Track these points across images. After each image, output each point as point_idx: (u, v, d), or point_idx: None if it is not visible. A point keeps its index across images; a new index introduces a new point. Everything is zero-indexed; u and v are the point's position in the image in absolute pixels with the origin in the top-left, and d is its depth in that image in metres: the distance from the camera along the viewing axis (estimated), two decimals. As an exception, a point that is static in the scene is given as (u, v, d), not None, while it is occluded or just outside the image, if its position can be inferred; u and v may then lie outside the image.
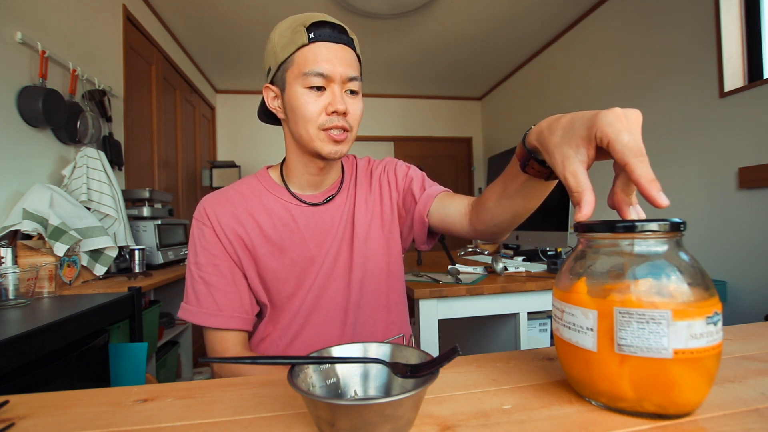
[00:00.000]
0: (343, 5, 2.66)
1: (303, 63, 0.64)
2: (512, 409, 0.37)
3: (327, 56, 0.64)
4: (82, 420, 0.38)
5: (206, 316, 0.69)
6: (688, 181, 2.12)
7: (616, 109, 0.37)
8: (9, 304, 1.07)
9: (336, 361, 0.39)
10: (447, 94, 4.60)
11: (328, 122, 0.65)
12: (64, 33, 1.72)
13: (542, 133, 0.43)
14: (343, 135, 0.67)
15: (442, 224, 0.73)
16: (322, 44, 0.64)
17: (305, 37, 0.64)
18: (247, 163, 4.07)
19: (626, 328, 0.32)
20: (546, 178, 0.51)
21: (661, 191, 0.33)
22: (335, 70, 0.64)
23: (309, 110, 0.65)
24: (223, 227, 0.71)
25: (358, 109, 0.68)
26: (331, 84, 0.65)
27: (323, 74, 0.64)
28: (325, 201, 0.76)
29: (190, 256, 0.73)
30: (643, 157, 0.34)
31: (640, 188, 0.34)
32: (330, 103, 0.65)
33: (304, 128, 0.66)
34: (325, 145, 0.67)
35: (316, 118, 0.65)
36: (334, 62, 0.64)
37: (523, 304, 1.24)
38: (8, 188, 1.38)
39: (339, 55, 0.65)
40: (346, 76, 0.65)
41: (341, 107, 0.64)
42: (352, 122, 0.68)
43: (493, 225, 0.64)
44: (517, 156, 0.52)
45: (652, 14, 2.34)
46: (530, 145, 0.47)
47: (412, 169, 0.81)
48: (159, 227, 1.86)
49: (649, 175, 0.33)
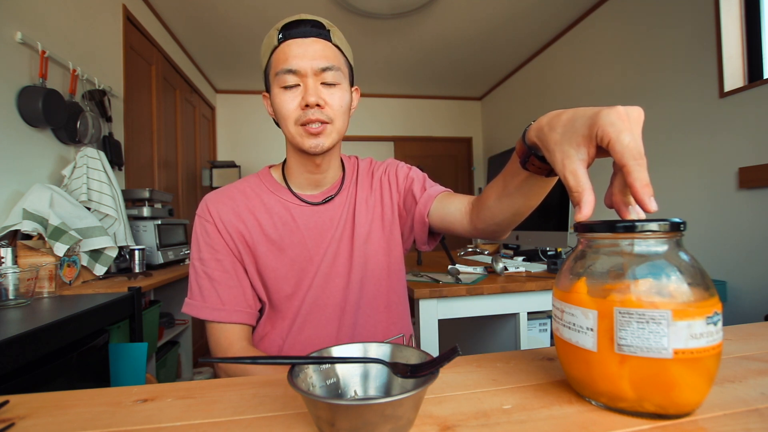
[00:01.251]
0: (343, 5, 2.66)
1: (276, 64, 0.67)
2: (512, 409, 0.37)
3: (295, 52, 0.65)
4: (82, 420, 0.38)
5: (210, 310, 0.69)
6: (688, 181, 2.12)
7: (618, 108, 0.36)
8: (9, 304, 1.07)
9: (336, 361, 0.39)
10: (447, 94, 4.60)
11: (302, 116, 0.66)
12: (64, 33, 1.72)
13: (542, 129, 0.43)
14: (321, 128, 0.67)
15: (443, 223, 0.73)
16: (291, 42, 0.66)
17: (275, 39, 0.67)
18: (247, 163, 4.07)
19: (626, 328, 0.32)
20: (547, 175, 0.50)
21: (653, 197, 0.34)
22: (303, 64, 0.65)
23: (286, 108, 0.66)
24: (225, 224, 0.72)
25: (337, 99, 0.68)
26: (304, 78, 0.66)
27: (292, 70, 0.65)
28: (324, 201, 0.76)
29: (194, 253, 0.74)
30: (642, 160, 0.34)
31: (633, 191, 0.34)
32: (303, 97, 0.66)
33: (285, 126, 0.68)
34: (305, 139, 0.67)
35: (292, 114, 0.66)
36: (303, 57, 0.65)
37: (523, 304, 1.24)
38: (8, 188, 1.38)
39: (309, 49, 0.66)
40: (317, 67, 0.65)
41: (312, 99, 0.65)
42: (332, 113, 0.67)
43: (493, 224, 0.63)
44: (517, 152, 0.51)
45: (652, 14, 2.34)
46: (530, 141, 0.46)
47: (414, 170, 0.81)
48: (159, 227, 1.86)
49: (644, 180, 0.34)
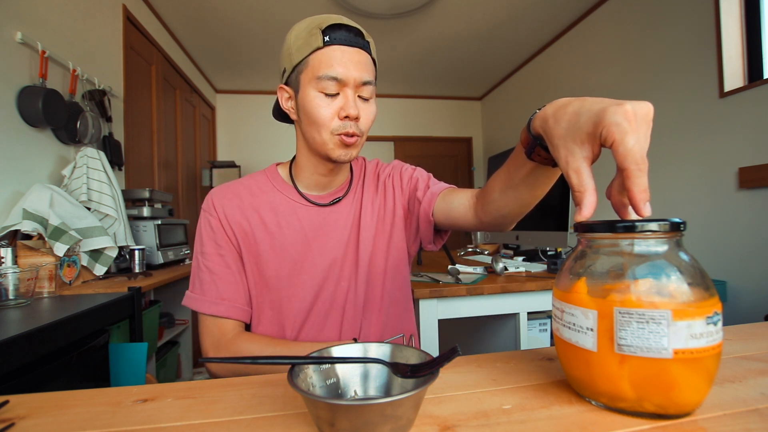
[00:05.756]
0: (343, 5, 2.66)
1: (317, 66, 0.64)
2: (512, 409, 0.37)
3: (341, 60, 0.63)
4: (82, 420, 0.38)
5: (209, 303, 0.69)
6: (688, 181, 2.12)
7: (626, 106, 0.35)
8: (9, 304, 1.07)
9: (336, 361, 0.39)
10: (447, 94, 4.60)
11: (340, 127, 0.65)
12: (64, 33, 1.72)
13: (547, 121, 0.42)
14: (354, 139, 0.66)
15: (447, 220, 0.72)
16: (337, 47, 0.63)
17: (320, 40, 0.63)
18: (247, 163, 4.07)
19: (626, 328, 0.32)
20: (553, 165, 0.49)
21: (648, 202, 0.34)
22: (349, 74, 0.63)
23: (322, 114, 0.65)
24: (229, 219, 0.72)
25: (370, 114, 0.68)
26: (345, 88, 0.64)
27: (337, 78, 0.63)
28: (332, 202, 0.76)
29: (197, 246, 0.73)
30: (643, 164, 0.34)
31: (630, 194, 0.34)
32: (342, 107, 0.64)
33: (317, 131, 0.66)
34: (336, 149, 0.67)
35: (329, 122, 0.65)
36: (349, 66, 0.63)
37: (523, 304, 1.24)
38: (8, 188, 1.38)
39: (354, 59, 0.64)
40: (360, 80, 0.65)
41: (354, 112, 0.64)
42: (363, 127, 0.67)
43: (500, 216, 0.63)
44: (522, 143, 0.50)
45: (652, 14, 2.34)
46: (535, 131, 0.45)
47: (418, 170, 0.81)
48: (159, 227, 1.86)
49: (642, 185, 0.34)
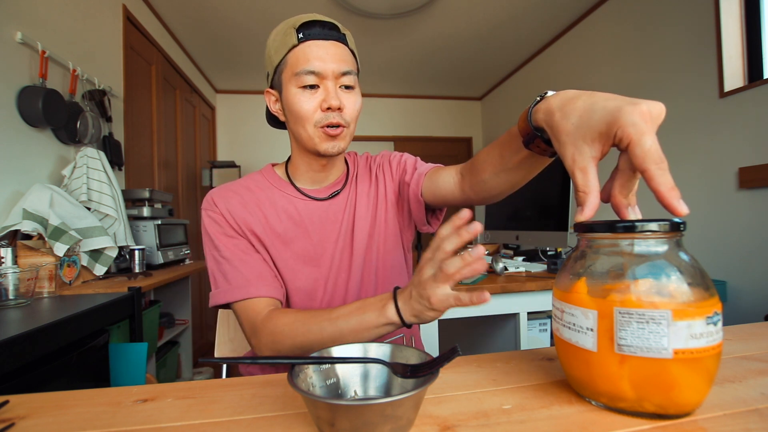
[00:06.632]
0: (343, 5, 2.66)
1: (295, 63, 0.65)
2: (512, 409, 0.37)
3: (317, 54, 0.65)
4: (82, 420, 0.38)
5: (236, 290, 0.66)
6: (688, 181, 2.12)
7: (641, 106, 0.33)
8: (9, 304, 1.07)
9: (336, 361, 0.39)
10: (447, 94, 4.60)
11: (323, 119, 0.66)
12: (64, 33, 1.72)
13: (553, 114, 0.40)
14: (339, 130, 0.67)
15: (435, 198, 0.72)
16: (311, 42, 0.65)
17: (295, 38, 0.65)
18: (247, 163, 4.07)
19: (626, 328, 0.32)
20: (551, 156, 0.47)
21: (681, 199, 0.32)
22: (326, 67, 0.65)
23: (304, 109, 0.66)
24: (233, 215, 0.72)
25: (353, 104, 0.68)
26: (324, 81, 0.65)
27: (314, 72, 0.64)
28: (329, 196, 0.77)
29: (208, 246, 0.72)
30: (663, 164, 0.32)
31: (660, 196, 0.32)
32: (324, 99, 0.65)
33: (302, 127, 0.67)
34: (322, 142, 0.67)
35: (311, 115, 0.66)
36: (325, 59, 0.65)
37: (523, 304, 1.24)
38: (8, 188, 1.38)
39: (330, 52, 0.65)
40: (339, 71, 0.66)
41: (335, 103, 0.65)
42: (348, 117, 0.68)
43: (489, 196, 0.64)
44: (519, 131, 0.47)
45: (651, 14, 2.33)
46: (537, 123, 0.43)
47: (405, 155, 0.82)
48: (159, 227, 1.86)
49: (669, 183, 0.32)
